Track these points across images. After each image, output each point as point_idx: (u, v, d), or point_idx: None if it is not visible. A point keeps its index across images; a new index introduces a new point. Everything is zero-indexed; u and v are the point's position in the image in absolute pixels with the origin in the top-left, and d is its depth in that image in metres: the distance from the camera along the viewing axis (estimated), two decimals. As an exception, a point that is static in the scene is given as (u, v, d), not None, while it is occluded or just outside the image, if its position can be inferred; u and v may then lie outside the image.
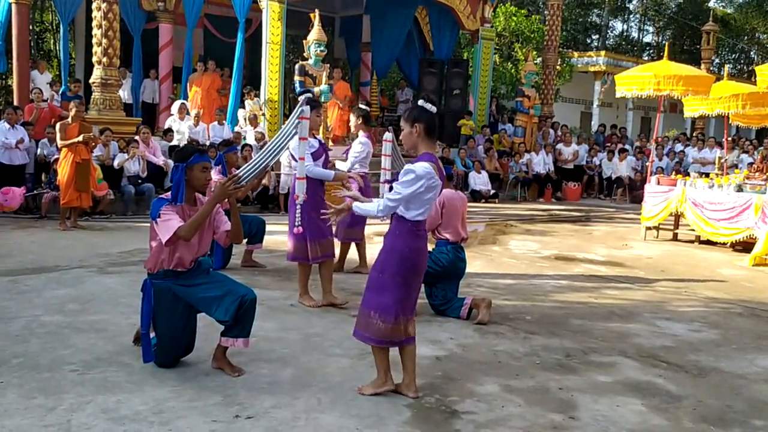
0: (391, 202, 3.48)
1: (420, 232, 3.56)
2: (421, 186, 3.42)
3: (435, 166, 3.48)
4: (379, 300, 3.59)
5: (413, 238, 3.54)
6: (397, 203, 3.48)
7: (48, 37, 23.76)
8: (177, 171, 3.84)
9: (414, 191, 3.43)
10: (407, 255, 3.54)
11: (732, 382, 4.27)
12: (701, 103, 10.74)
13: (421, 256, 3.59)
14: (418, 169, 3.42)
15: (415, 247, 3.54)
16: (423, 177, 3.41)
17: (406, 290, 3.58)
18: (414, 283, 3.62)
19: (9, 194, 9.09)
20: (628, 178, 15.85)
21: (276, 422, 3.35)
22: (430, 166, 3.45)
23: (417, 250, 3.56)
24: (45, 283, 5.78)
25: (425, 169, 3.42)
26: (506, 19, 20.88)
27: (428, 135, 3.54)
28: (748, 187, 9.05)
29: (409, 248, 3.54)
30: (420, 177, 3.41)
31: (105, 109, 11.03)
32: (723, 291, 6.86)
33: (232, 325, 3.81)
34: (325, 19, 15.40)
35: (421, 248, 3.59)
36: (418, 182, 3.42)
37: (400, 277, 3.55)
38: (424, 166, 3.44)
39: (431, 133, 3.54)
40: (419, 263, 3.59)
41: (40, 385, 3.64)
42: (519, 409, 3.66)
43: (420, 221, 3.53)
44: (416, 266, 3.58)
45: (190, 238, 3.75)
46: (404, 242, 3.54)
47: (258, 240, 6.79)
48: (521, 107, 16.23)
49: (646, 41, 38.90)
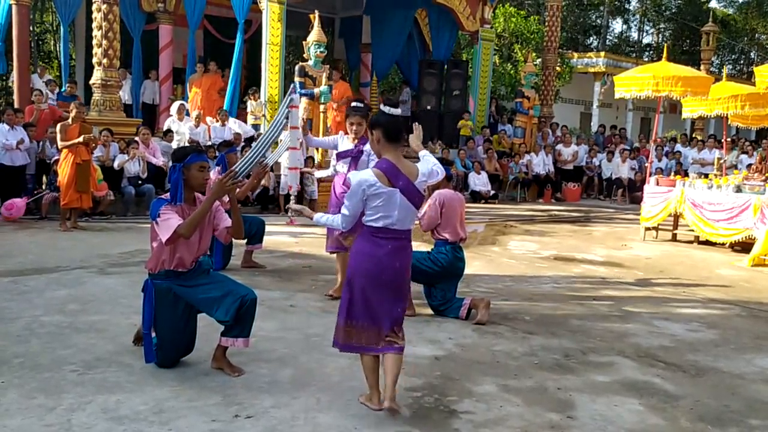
0: (344, 216, 3.53)
1: (376, 237, 3.47)
2: (362, 195, 3.42)
3: (381, 172, 3.42)
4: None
5: (368, 242, 3.50)
6: (349, 216, 3.51)
7: (48, 39, 23.81)
8: (174, 171, 3.86)
9: (357, 201, 3.44)
10: (359, 259, 3.51)
11: (730, 381, 4.29)
12: (700, 103, 10.76)
13: (373, 261, 3.46)
14: (353, 182, 3.46)
15: (367, 251, 3.49)
16: (359, 187, 3.41)
17: (357, 293, 3.49)
18: (366, 288, 3.48)
19: (13, 209, 9.07)
20: (628, 179, 15.86)
21: (275, 422, 3.36)
22: (372, 173, 3.43)
23: (369, 255, 3.48)
24: (45, 284, 5.80)
25: (361, 180, 3.42)
26: (506, 20, 20.92)
27: (388, 140, 3.47)
28: (746, 188, 9.07)
29: (360, 252, 3.51)
30: (356, 189, 3.43)
31: (105, 110, 11.06)
32: (722, 291, 6.88)
33: (233, 325, 3.82)
34: (325, 20, 15.42)
35: (375, 254, 3.47)
36: (357, 193, 3.43)
37: (351, 279, 3.53)
38: (360, 177, 3.45)
39: (391, 138, 3.48)
40: (371, 268, 3.47)
41: (40, 385, 3.66)
42: (517, 409, 3.68)
43: (375, 227, 3.47)
44: (367, 271, 3.47)
45: (190, 236, 3.76)
46: (359, 246, 3.55)
47: (258, 240, 6.81)
48: (521, 108, 16.26)
49: (646, 42, 38.94)
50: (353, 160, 5.60)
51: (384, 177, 3.42)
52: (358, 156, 5.58)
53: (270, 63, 12.55)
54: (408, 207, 3.47)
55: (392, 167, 3.44)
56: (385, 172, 3.43)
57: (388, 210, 3.44)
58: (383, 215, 3.44)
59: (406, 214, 3.49)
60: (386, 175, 3.42)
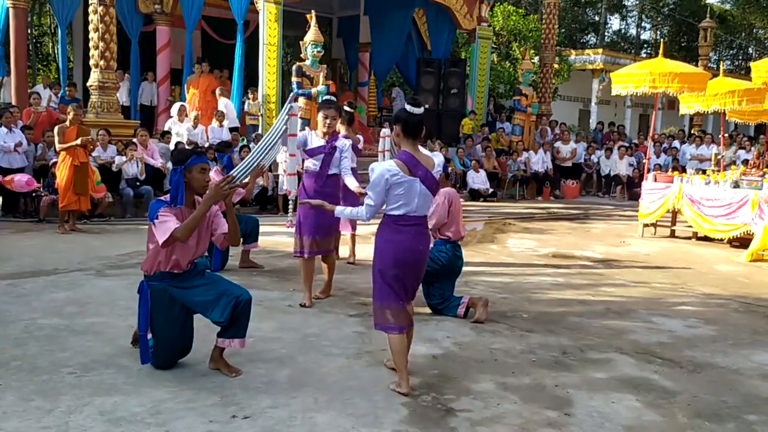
0: (369, 207, 3.75)
1: (398, 225, 3.74)
2: (385, 185, 3.66)
3: (402, 163, 3.69)
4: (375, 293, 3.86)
5: (391, 231, 3.76)
6: (374, 206, 3.74)
7: (46, 41, 23.81)
8: (175, 173, 3.85)
9: (381, 191, 3.68)
10: (386, 247, 3.77)
11: (727, 377, 4.29)
12: (697, 100, 10.75)
13: (400, 248, 3.74)
14: (376, 171, 3.70)
15: (393, 240, 3.75)
16: (382, 177, 3.66)
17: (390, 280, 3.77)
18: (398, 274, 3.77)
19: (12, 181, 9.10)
20: (627, 176, 15.85)
21: (273, 422, 3.37)
22: (394, 164, 3.69)
23: (396, 243, 3.74)
24: (43, 286, 5.80)
25: (383, 170, 3.67)
26: (504, 18, 20.92)
27: (405, 134, 3.75)
28: (744, 183, 9.08)
29: (388, 241, 3.77)
30: (378, 179, 3.66)
31: (103, 111, 11.04)
32: (719, 287, 6.88)
33: (228, 326, 3.83)
34: (323, 19, 15.43)
35: (401, 241, 3.75)
36: (381, 183, 3.66)
37: (382, 268, 3.78)
38: (383, 166, 3.71)
39: (408, 133, 3.75)
40: (399, 255, 3.75)
41: (38, 387, 3.66)
42: (515, 407, 3.68)
43: (396, 215, 3.72)
44: (396, 257, 3.75)
45: (186, 240, 3.77)
46: (384, 236, 3.79)
47: (253, 239, 6.80)
48: (519, 106, 16.26)
49: (644, 38, 38.95)
50: (326, 157, 5.45)
51: (405, 167, 3.68)
52: (332, 153, 5.46)
53: (267, 63, 12.54)
54: (427, 195, 3.76)
55: (411, 158, 3.72)
56: (406, 163, 3.69)
57: (408, 198, 3.70)
58: (404, 203, 3.71)
59: (425, 201, 3.78)
60: (407, 165, 3.69)
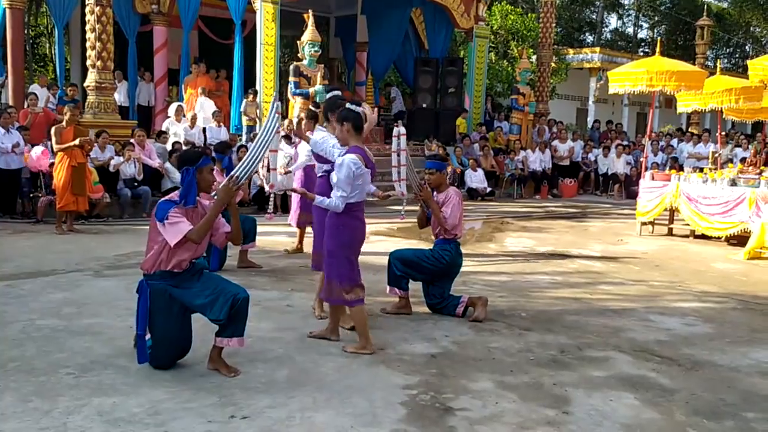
0: (341, 197, 4.22)
1: (354, 211, 4.31)
2: (353, 177, 4.18)
3: (361, 156, 4.24)
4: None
5: (349, 218, 4.30)
6: (347, 196, 4.23)
7: (43, 42, 23.78)
8: (188, 174, 3.87)
9: (351, 182, 4.19)
10: (346, 231, 4.31)
11: (725, 375, 4.30)
12: (694, 98, 10.75)
13: (358, 231, 4.38)
14: (345, 165, 4.18)
15: (353, 225, 4.33)
16: (350, 170, 4.17)
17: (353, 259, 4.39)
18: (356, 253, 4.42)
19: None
20: (624, 174, 15.86)
21: (271, 422, 3.37)
22: (357, 157, 4.21)
23: (354, 228, 4.34)
24: (41, 287, 5.80)
25: (350, 162, 4.18)
26: (502, 17, 20.94)
27: (356, 131, 4.33)
28: (741, 181, 9.09)
29: (347, 226, 4.31)
30: (348, 172, 4.16)
31: (100, 112, 11.04)
32: (717, 285, 6.89)
33: (226, 324, 3.83)
34: (320, 19, 15.42)
35: (358, 226, 4.37)
36: (350, 175, 4.17)
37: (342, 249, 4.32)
38: (350, 157, 4.21)
39: (357, 130, 4.34)
40: (358, 236, 4.40)
41: (36, 388, 3.66)
42: (513, 405, 3.69)
43: (352, 203, 4.27)
44: (354, 239, 4.37)
45: (200, 241, 3.85)
46: (344, 221, 4.30)
47: (251, 239, 6.81)
48: (516, 105, 16.27)
49: (641, 37, 38.97)
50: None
51: (362, 159, 4.25)
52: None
53: (265, 63, 12.53)
54: (369, 182, 4.43)
55: (363, 151, 4.31)
56: (362, 156, 4.25)
57: (363, 187, 4.31)
58: (359, 192, 4.29)
59: (368, 188, 4.49)
60: (363, 158, 4.26)
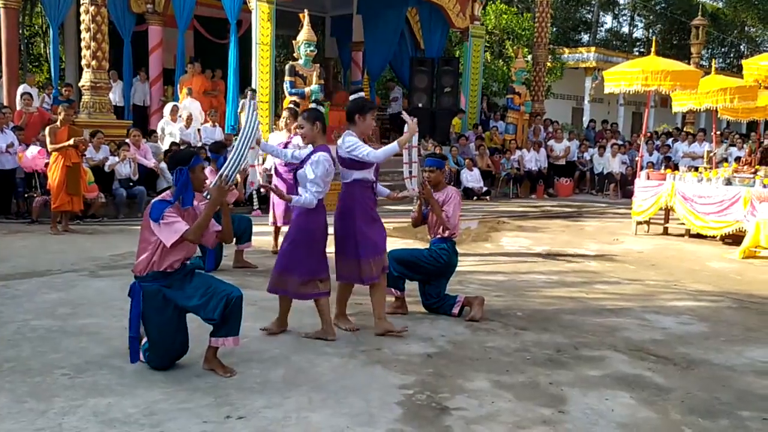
0: (317, 192, 4.46)
1: (319, 207, 4.54)
2: (326, 171, 4.44)
3: (329, 154, 4.53)
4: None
5: (317, 213, 4.54)
6: (322, 191, 4.48)
7: (38, 41, 23.70)
8: (182, 174, 3.86)
9: (325, 177, 4.44)
10: (312, 226, 4.53)
11: (720, 374, 4.31)
12: (689, 97, 10.78)
13: (322, 225, 4.60)
14: (321, 163, 4.43)
15: (319, 219, 4.56)
16: (325, 167, 4.43)
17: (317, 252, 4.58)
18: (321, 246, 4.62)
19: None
20: (620, 174, 15.88)
21: (267, 422, 3.36)
22: (328, 155, 4.50)
23: (319, 222, 4.56)
24: (36, 288, 5.78)
25: (325, 161, 4.45)
26: (497, 17, 20.95)
27: (324, 131, 4.66)
28: (736, 181, 9.11)
29: (313, 220, 4.53)
30: (324, 170, 4.42)
31: (95, 112, 11.00)
32: (712, 284, 6.91)
33: (220, 324, 3.82)
34: (316, 18, 15.39)
35: (323, 220, 4.60)
36: (327, 173, 4.44)
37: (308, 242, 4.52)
38: (325, 155, 4.47)
39: (324, 130, 4.68)
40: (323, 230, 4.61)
41: (31, 389, 3.65)
42: (509, 404, 3.69)
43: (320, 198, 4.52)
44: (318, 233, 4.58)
45: (197, 241, 3.87)
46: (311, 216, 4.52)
47: (247, 239, 6.80)
48: (512, 104, 16.28)
49: (636, 36, 39.05)
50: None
51: (331, 158, 4.55)
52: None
53: (260, 63, 12.51)
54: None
55: (329, 150, 4.57)
56: (330, 154, 4.54)
57: (329, 183, 4.56)
58: (326, 188, 4.53)
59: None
60: (331, 156, 4.56)
